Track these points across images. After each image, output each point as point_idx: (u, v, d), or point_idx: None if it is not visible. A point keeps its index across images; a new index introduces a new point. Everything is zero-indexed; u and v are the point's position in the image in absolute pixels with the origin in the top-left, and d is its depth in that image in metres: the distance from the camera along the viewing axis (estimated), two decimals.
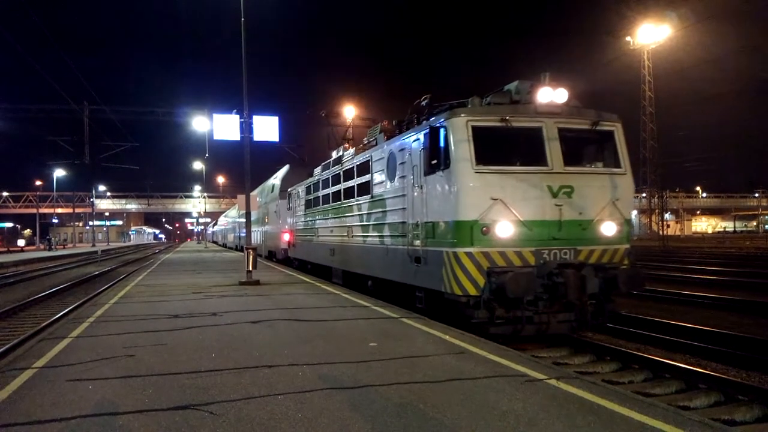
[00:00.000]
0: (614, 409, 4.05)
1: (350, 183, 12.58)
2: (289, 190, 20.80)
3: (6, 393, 4.65)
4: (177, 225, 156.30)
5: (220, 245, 61.89)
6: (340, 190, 13.49)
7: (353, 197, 12.27)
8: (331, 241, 14.40)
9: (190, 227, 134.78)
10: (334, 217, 13.98)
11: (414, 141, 8.78)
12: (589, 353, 7.74)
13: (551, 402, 4.23)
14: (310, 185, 17.05)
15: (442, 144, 7.72)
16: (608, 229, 7.87)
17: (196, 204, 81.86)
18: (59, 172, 66.07)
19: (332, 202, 14.27)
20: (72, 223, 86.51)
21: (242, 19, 14.43)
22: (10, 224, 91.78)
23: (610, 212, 7.87)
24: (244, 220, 16.37)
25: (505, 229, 7.36)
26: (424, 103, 9.38)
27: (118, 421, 3.92)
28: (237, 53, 14.73)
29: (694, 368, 6.64)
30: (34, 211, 74.51)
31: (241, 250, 20.07)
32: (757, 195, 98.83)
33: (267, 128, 15.21)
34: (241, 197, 15.59)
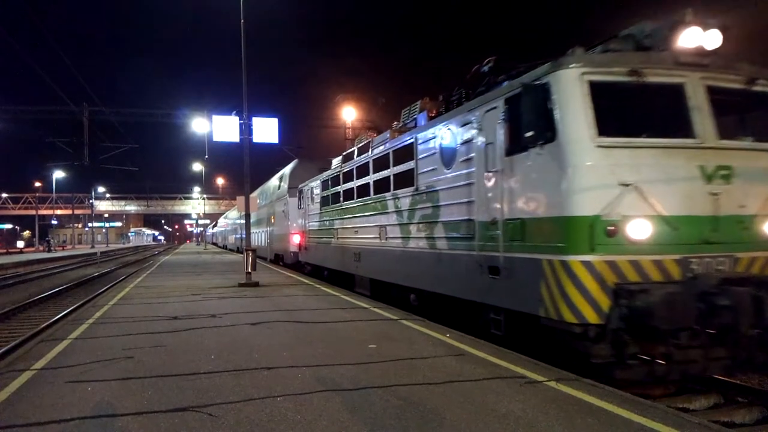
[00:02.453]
0: (614, 410, 4.06)
1: (383, 173, 10.56)
2: (299, 186, 18.83)
3: (5, 394, 4.65)
4: (176, 226, 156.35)
5: (220, 247, 61.88)
6: (368, 183, 11.46)
7: (388, 191, 10.28)
8: (356, 244, 12.37)
9: (189, 229, 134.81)
10: (361, 216, 12.00)
11: (487, 112, 6.75)
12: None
13: (551, 404, 4.23)
14: (327, 179, 14.98)
15: (540, 109, 5.67)
16: None
17: (195, 205, 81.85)
18: (58, 174, 65.98)
19: (357, 198, 12.30)
20: (71, 225, 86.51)
21: (242, 20, 14.48)
22: (9, 226, 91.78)
23: None
24: (245, 221, 16.33)
25: (640, 228, 5.27)
26: (486, 68, 7.51)
27: (117, 423, 3.92)
28: (237, 54, 14.77)
29: None
30: (33, 212, 74.45)
31: (243, 252, 19.94)
32: None
33: (266, 130, 15.25)
34: (241, 199, 15.57)
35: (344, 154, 13.98)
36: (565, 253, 5.37)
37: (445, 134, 7.93)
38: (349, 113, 32.70)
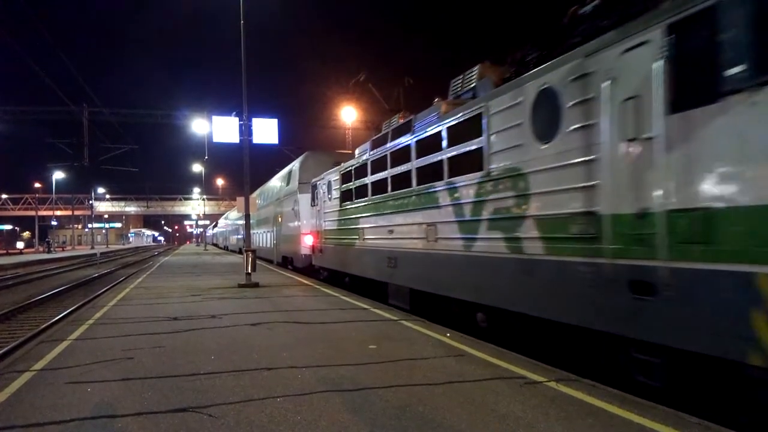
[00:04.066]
0: (614, 411, 4.05)
1: (433, 158, 8.42)
2: (313, 181, 16.88)
3: (5, 395, 4.65)
4: (176, 227, 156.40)
5: (220, 248, 61.81)
6: (409, 171, 9.35)
7: (440, 179, 8.15)
8: (391, 246, 10.30)
9: (189, 229, 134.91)
10: (398, 212, 9.97)
11: (626, 52, 4.72)
12: None
13: (550, 404, 4.23)
14: (349, 170, 12.80)
15: (759, 29, 3.67)
16: None
17: (195, 206, 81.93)
18: (58, 175, 66.03)
19: (392, 190, 10.21)
20: (71, 226, 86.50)
21: (242, 21, 14.48)
22: (9, 226, 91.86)
23: None
24: (244, 222, 16.31)
25: None
26: (590, 7, 5.82)
27: (116, 424, 3.92)
28: (237, 54, 14.78)
29: None
30: (33, 213, 74.44)
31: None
32: None
33: (266, 130, 15.28)
34: (240, 199, 15.57)
35: (373, 139, 11.70)
36: None
37: (539, 95, 5.93)
38: (349, 114, 32.75)
